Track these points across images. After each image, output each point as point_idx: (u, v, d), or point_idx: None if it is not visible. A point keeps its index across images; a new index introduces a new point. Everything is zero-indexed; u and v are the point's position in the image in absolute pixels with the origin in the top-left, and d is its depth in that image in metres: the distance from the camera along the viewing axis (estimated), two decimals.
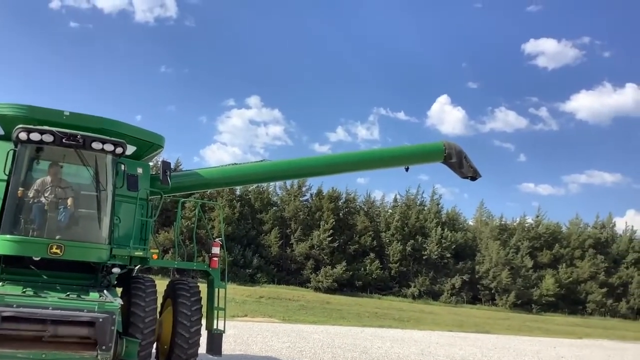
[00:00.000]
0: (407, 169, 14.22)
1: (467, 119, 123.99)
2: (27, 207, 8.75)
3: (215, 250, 10.25)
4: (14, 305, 7.48)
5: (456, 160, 13.95)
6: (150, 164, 11.61)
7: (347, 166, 13.92)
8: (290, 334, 22.31)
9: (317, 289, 59.96)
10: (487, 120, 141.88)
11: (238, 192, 64.75)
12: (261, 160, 13.10)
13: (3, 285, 8.33)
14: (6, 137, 9.16)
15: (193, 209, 60.29)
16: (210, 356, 10.11)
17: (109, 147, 8.89)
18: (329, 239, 63.90)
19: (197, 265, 10.56)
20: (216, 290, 10.19)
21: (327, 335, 23.58)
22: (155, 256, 10.19)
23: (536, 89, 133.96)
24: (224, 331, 10.06)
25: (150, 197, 10.39)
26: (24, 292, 8.07)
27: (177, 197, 11.78)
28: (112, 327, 7.80)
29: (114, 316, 7.85)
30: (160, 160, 10.25)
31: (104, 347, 7.69)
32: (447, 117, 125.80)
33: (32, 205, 8.78)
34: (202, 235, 59.33)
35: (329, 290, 59.43)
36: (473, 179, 14.73)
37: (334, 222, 65.06)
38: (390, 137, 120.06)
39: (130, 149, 10.23)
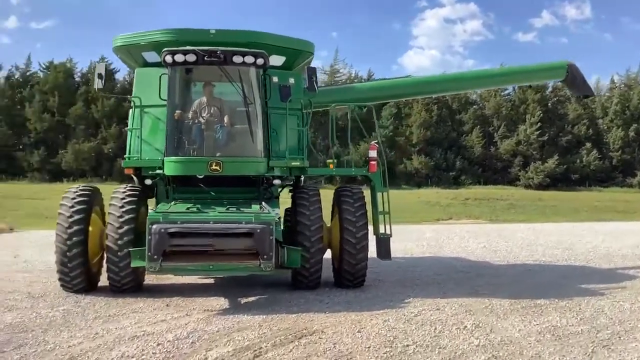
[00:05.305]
0: None
1: None
2: (186, 129, 9.15)
3: (373, 153, 9.79)
4: (178, 222, 7.96)
5: (578, 79, 14.43)
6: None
7: (471, 83, 15.22)
8: (490, 234, 21.45)
9: (527, 186, 57.25)
10: None
11: (434, 95, 63.20)
12: (407, 76, 14.41)
13: (175, 204, 8.90)
14: (160, 64, 9.49)
15: (389, 117, 60.43)
16: (381, 260, 9.91)
17: (249, 59, 8.80)
18: (537, 132, 60.36)
19: (356, 171, 10.29)
20: (379, 194, 9.84)
21: (532, 233, 22.24)
22: (332, 166, 10.15)
23: None
24: (390, 235, 9.74)
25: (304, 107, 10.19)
26: (188, 209, 8.53)
27: (341, 105, 11.70)
28: (271, 237, 7.93)
29: (271, 226, 7.96)
30: (306, 67, 9.85)
31: (265, 257, 7.89)
32: None
33: (191, 126, 9.14)
34: (400, 143, 59.50)
35: (541, 187, 56.31)
36: (587, 96, 16.65)
37: (541, 114, 61.14)
38: (604, 13, 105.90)
39: (280, 60, 10.10)
